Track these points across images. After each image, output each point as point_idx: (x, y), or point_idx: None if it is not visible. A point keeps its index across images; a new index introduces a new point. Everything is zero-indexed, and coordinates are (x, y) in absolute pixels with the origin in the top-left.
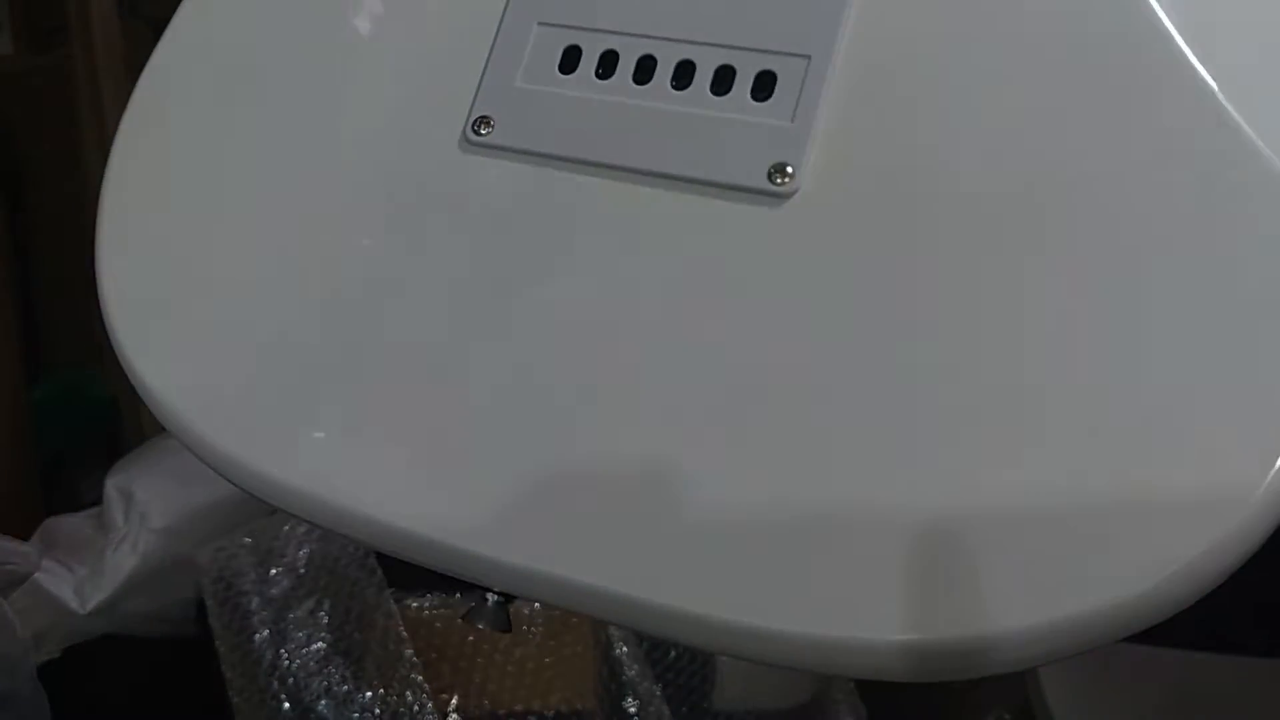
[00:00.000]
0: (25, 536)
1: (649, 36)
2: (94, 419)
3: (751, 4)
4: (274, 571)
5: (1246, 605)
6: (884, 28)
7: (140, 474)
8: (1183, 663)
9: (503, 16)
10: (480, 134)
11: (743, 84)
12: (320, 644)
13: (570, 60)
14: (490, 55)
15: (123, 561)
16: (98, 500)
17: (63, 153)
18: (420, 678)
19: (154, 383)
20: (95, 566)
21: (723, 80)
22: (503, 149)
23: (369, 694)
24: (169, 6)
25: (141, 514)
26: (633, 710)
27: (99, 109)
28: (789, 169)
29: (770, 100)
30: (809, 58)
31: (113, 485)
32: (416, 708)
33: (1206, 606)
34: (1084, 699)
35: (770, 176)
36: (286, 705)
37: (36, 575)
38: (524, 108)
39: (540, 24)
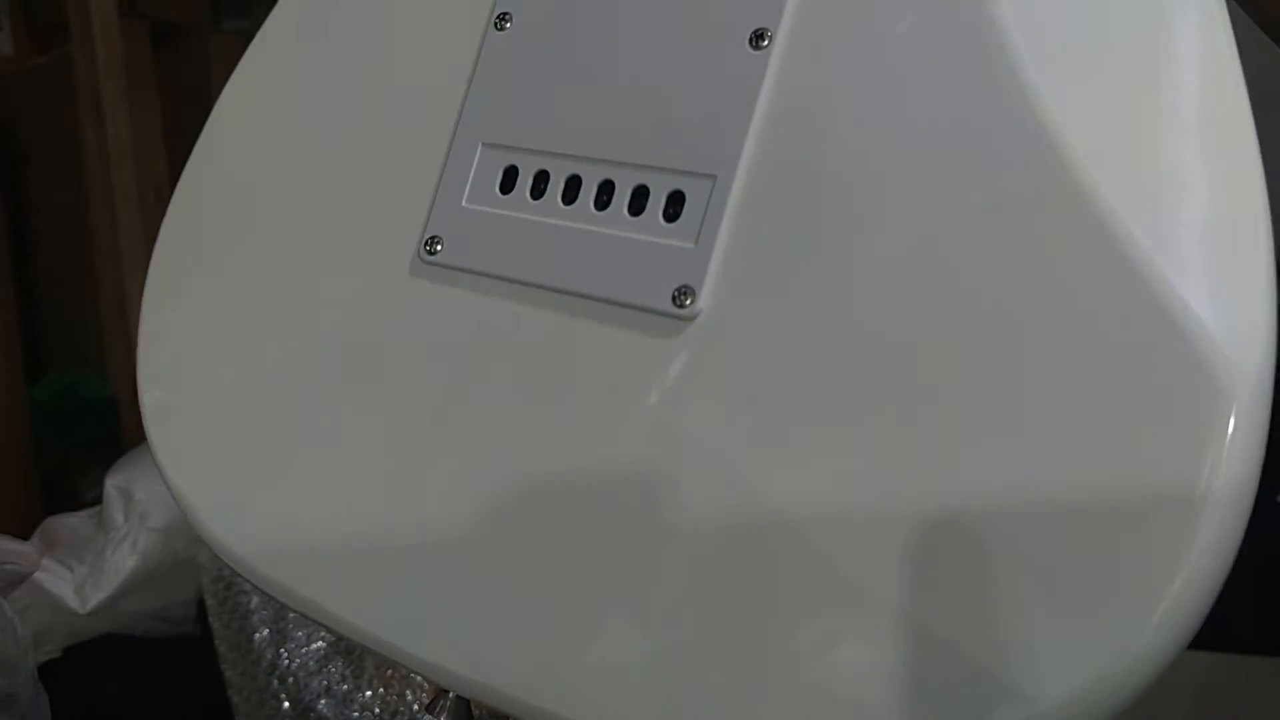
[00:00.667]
0: (25, 536)
1: (577, 157)
2: (94, 419)
3: (667, 124)
4: None
5: (1252, 603)
6: (790, 146)
7: (140, 473)
8: (1186, 662)
9: (452, 138)
10: (432, 254)
11: (655, 204)
12: (320, 644)
13: (509, 180)
14: (441, 176)
15: (123, 561)
16: (98, 500)
17: (63, 153)
18: (420, 677)
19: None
20: (95, 566)
21: (638, 200)
22: (451, 268)
23: (369, 694)
24: (169, 6)
25: (141, 513)
26: None
27: (99, 109)
28: (691, 292)
29: (679, 221)
30: (714, 177)
31: (112, 485)
32: (416, 707)
33: (1213, 605)
34: None
35: (674, 299)
36: (286, 705)
37: (36, 575)
38: (469, 228)
39: (484, 145)
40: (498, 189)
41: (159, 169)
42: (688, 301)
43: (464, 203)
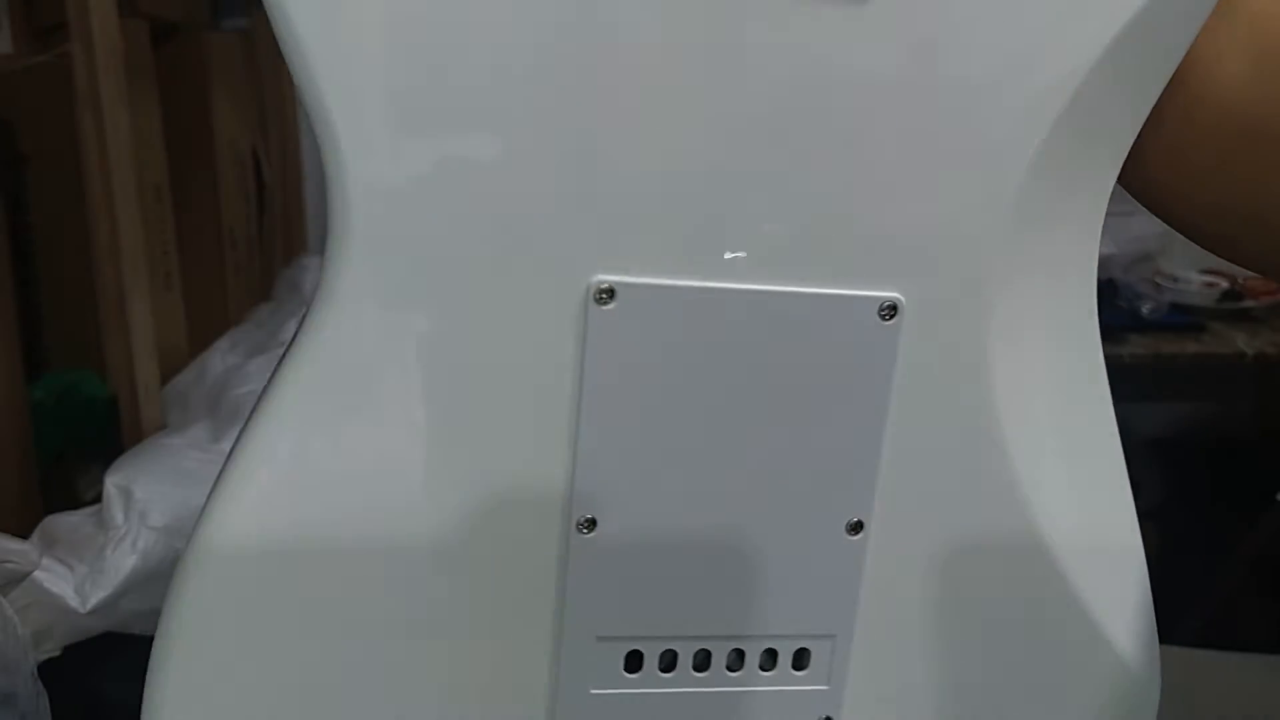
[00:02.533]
0: (25, 535)
1: (700, 637)
2: (93, 418)
3: (781, 601)
4: None
5: (1253, 602)
6: (890, 604)
7: (139, 472)
8: (1186, 660)
9: (562, 634)
10: None
11: (784, 661)
12: None
13: (634, 662)
14: (560, 670)
15: (122, 560)
16: (97, 498)
17: (63, 152)
18: None
19: None
20: (95, 565)
21: (767, 659)
22: None
23: None
24: (169, 6)
25: (141, 512)
26: None
27: (99, 108)
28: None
29: (808, 669)
30: (834, 637)
31: (112, 483)
32: None
33: (1211, 604)
34: None
35: None
36: None
37: (36, 573)
38: (601, 711)
39: (599, 639)
40: (623, 670)
41: (159, 169)
42: None
43: (592, 690)
